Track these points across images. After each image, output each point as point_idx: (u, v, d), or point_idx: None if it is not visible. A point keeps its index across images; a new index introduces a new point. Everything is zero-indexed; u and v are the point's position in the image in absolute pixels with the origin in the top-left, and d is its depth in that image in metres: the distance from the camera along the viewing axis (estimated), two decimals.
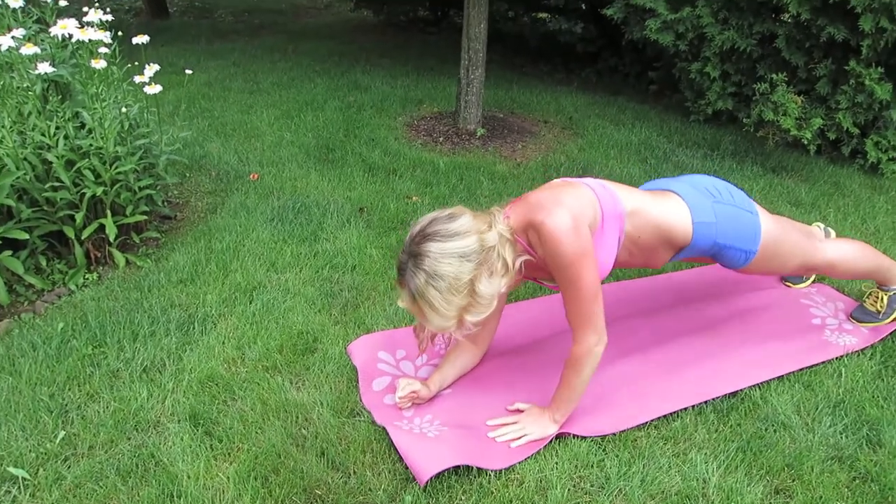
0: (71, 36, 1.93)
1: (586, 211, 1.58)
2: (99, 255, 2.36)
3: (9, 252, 2.08)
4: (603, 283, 2.17)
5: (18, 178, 2.02)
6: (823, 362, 1.97)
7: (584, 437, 1.66)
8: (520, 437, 1.62)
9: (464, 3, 3.58)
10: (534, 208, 1.55)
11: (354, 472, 1.54)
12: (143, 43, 2.22)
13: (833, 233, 2.40)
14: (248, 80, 4.69)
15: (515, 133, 3.94)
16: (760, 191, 3.24)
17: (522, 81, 5.10)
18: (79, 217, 2.17)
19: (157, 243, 2.51)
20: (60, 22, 1.92)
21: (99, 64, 2.03)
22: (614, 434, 1.68)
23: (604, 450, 1.64)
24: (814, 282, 2.41)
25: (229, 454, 1.58)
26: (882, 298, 2.13)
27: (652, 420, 1.73)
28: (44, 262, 2.26)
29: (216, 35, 6.42)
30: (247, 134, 3.64)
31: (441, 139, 3.76)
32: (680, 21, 3.95)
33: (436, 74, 5.02)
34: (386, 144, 3.58)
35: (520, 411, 1.72)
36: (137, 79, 2.23)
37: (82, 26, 2.02)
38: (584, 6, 5.52)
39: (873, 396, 1.85)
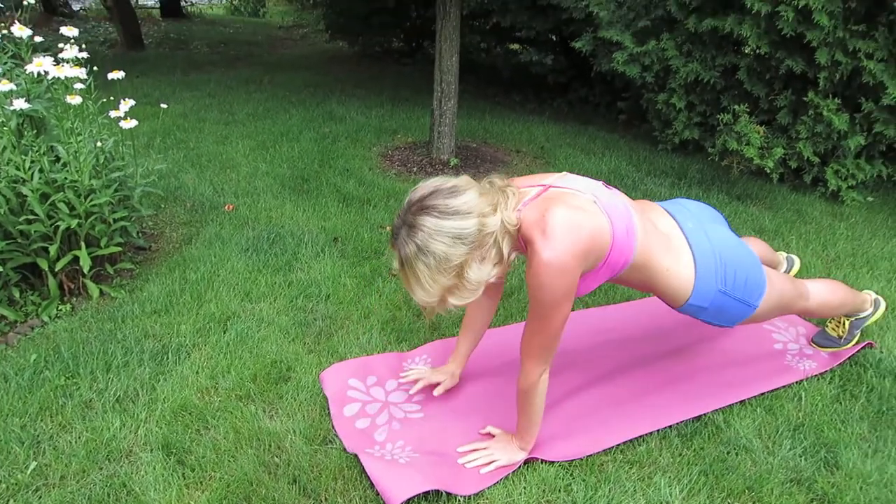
0: (47, 73, 1.97)
1: (591, 255, 1.49)
2: (73, 286, 2.37)
3: None
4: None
5: None
6: (784, 386, 2.04)
7: (551, 462, 1.70)
8: (489, 463, 1.66)
9: (435, 37, 3.67)
10: (545, 229, 1.43)
11: (326, 499, 1.56)
12: (118, 78, 2.26)
13: (796, 260, 2.48)
14: (224, 111, 4.74)
15: (488, 162, 4.02)
16: (726, 218, 3.34)
17: (495, 111, 5.21)
18: (53, 249, 2.18)
19: (131, 274, 2.52)
20: (36, 59, 1.96)
21: (74, 100, 2.07)
22: (581, 459, 1.72)
23: (571, 474, 1.68)
24: None
25: (201, 482, 1.60)
26: (844, 324, 2.18)
27: (618, 445, 1.77)
28: (17, 294, 2.27)
29: (192, 66, 6.48)
30: (222, 165, 3.68)
31: (415, 169, 3.82)
32: (646, 54, 4.09)
33: (410, 105, 5.11)
34: (360, 175, 3.63)
35: (491, 436, 1.76)
36: (113, 114, 2.27)
37: (58, 63, 2.06)
38: (554, 38, 5.67)
39: (831, 420, 1.91)
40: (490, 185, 1.51)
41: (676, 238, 1.69)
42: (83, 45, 2.19)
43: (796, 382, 2.05)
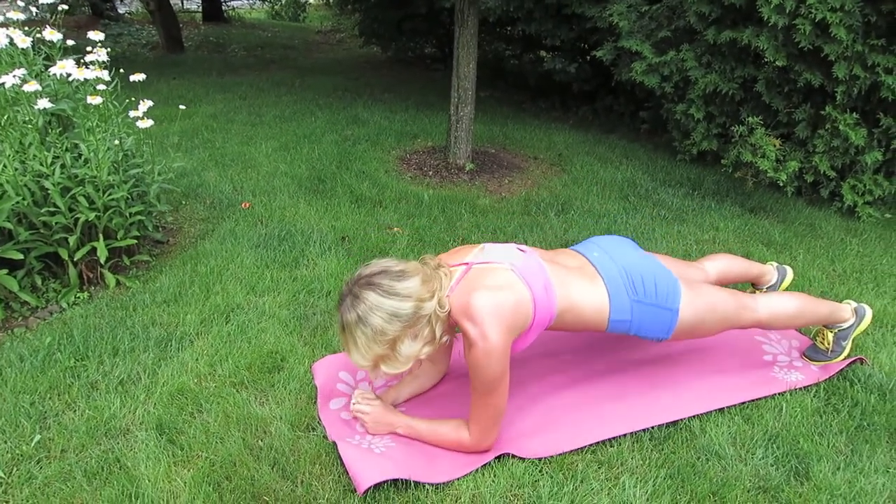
0: (69, 75, 2.12)
1: (517, 326, 1.67)
2: (91, 275, 2.52)
3: (5, 271, 2.25)
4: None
5: (17, 203, 2.20)
6: (766, 397, 2.06)
7: (522, 458, 1.76)
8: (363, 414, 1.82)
9: (453, 44, 3.76)
10: (472, 317, 1.60)
11: (302, 482, 1.66)
12: (139, 80, 2.40)
13: (789, 271, 2.49)
14: (252, 112, 4.91)
15: (504, 168, 4.09)
16: (735, 230, 3.35)
17: (518, 118, 5.27)
18: (72, 240, 2.34)
19: (147, 266, 2.67)
20: (60, 62, 2.11)
21: (95, 100, 2.22)
22: (552, 456, 1.78)
23: (540, 471, 1.74)
24: None
25: (188, 461, 1.71)
26: (827, 336, 2.19)
27: (590, 445, 1.82)
28: (39, 282, 2.42)
29: (227, 69, 6.70)
30: (244, 164, 3.83)
31: (430, 173, 3.92)
32: (665, 64, 4.11)
33: (435, 110, 5.21)
34: (376, 177, 3.74)
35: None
36: (132, 113, 2.42)
37: (83, 66, 2.21)
38: (585, 45, 5.70)
39: (809, 432, 1.92)
40: (425, 265, 1.69)
41: (587, 268, 1.88)
42: (109, 48, 2.34)
43: (779, 394, 2.07)
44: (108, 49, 2.41)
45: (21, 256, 2.23)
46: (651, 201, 3.68)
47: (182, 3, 12.18)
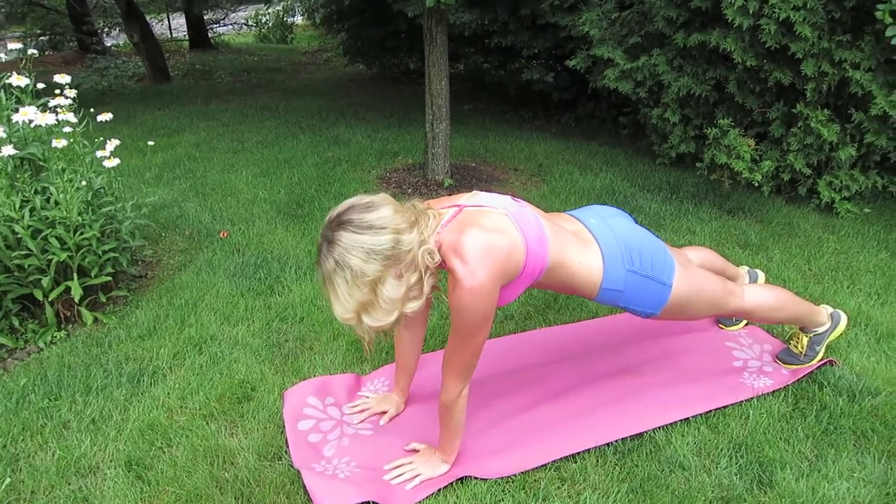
0: (31, 121, 2.17)
1: (508, 272, 1.59)
2: (69, 314, 2.56)
3: None
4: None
5: None
6: (733, 404, 2.06)
7: (485, 479, 1.78)
8: (414, 478, 1.76)
9: (424, 63, 3.80)
10: (462, 255, 1.52)
11: None
12: (107, 119, 2.45)
13: (761, 274, 2.51)
14: (235, 139, 4.96)
15: (483, 181, 4.12)
16: (711, 233, 3.36)
17: (500, 129, 5.30)
18: (46, 281, 2.38)
19: (125, 301, 2.71)
20: (22, 109, 2.16)
21: (60, 143, 2.26)
22: (517, 475, 1.79)
23: (503, 490, 1.75)
24: (747, 324, 2.50)
25: (155, 496, 1.74)
26: (802, 340, 2.20)
27: (554, 461, 1.84)
28: (17, 323, 2.47)
29: (213, 96, 6.76)
30: (224, 193, 3.87)
31: (409, 190, 3.95)
32: (637, 69, 4.14)
33: (416, 126, 5.25)
34: None
35: (416, 451, 1.86)
36: (99, 153, 2.46)
37: (47, 110, 2.26)
38: (561, 54, 5.74)
39: (775, 438, 1.92)
40: (413, 207, 1.59)
41: (583, 233, 1.82)
42: (75, 91, 2.38)
43: (746, 400, 2.08)
44: (95, 83, 2.47)
45: None
46: (629, 208, 3.70)
47: (170, 32, 12.29)
